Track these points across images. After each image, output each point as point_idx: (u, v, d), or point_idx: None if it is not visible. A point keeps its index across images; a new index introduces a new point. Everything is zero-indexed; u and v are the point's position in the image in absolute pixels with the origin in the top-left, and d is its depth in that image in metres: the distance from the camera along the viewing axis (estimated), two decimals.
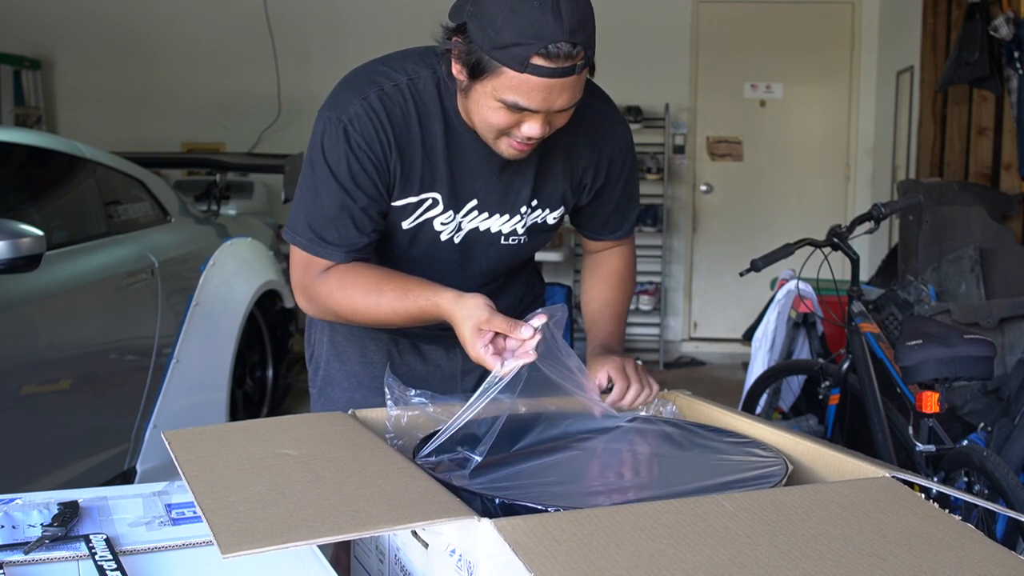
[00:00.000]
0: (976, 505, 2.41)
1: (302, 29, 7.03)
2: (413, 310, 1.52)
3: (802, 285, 3.68)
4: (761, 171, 7.11)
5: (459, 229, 1.65)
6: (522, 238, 1.70)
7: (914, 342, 2.62)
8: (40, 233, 2.51)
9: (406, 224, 1.63)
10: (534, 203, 1.68)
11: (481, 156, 1.59)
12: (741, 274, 3.11)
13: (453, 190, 1.61)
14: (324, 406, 1.82)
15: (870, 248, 6.05)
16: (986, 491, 2.48)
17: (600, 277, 1.89)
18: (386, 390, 1.48)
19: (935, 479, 2.61)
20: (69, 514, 1.28)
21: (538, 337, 1.38)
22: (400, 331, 1.77)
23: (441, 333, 1.62)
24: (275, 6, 6.88)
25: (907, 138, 6.08)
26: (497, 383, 1.36)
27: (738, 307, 6.82)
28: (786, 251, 3.07)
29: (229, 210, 4.77)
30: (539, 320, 1.39)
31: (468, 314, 1.42)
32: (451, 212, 1.63)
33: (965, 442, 2.67)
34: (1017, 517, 2.27)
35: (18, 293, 2.68)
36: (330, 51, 6.86)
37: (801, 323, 3.97)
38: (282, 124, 6.88)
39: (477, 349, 1.40)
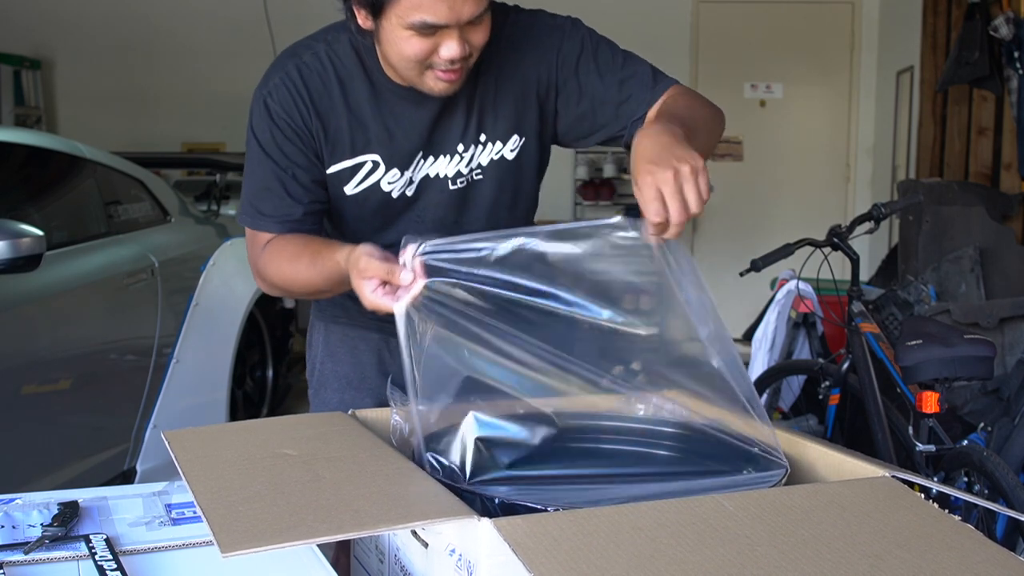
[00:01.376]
0: (976, 505, 2.41)
1: (302, 29, 6.93)
2: (326, 273, 1.47)
3: (802, 285, 3.68)
4: (761, 171, 7.11)
5: (411, 182, 1.62)
6: (468, 178, 1.63)
7: (914, 342, 2.62)
8: (40, 233, 2.51)
9: (349, 190, 1.61)
10: (482, 138, 1.62)
11: (414, 105, 1.56)
12: (741, 274, 3.11)
13: (394, 148, 1.59)
14: (318, 407, 1.81)
15: (870, 248, 6.04)
16: (986, 491, 2.48)
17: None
18: (390, 402, 1.47)
19: (935, 479, 2.61)
20: (69, 514, 1.28)
21: (419, 268, 1.29)
22: (391, 330, 1.74)
23: None
24: (275, 6, 6.87)
25: (907, 138, 6.08)
26: (407, 321, 1.30)
27: (738, 307, 6.81)
28: (786, 251, 3.07)
29: (229, 210, 4.76)
30: (409, 252, 1.30)
31: (353, 264, 1.37)
32: (397, 171, 1.60)
33: (965, 442, 2.67)
34: (1017, 517, 2.27)
35: (18, 293, 2.68)
36: None
37: (801, 323, 3.97)
38: None
39: (367, 295, 1.33)
